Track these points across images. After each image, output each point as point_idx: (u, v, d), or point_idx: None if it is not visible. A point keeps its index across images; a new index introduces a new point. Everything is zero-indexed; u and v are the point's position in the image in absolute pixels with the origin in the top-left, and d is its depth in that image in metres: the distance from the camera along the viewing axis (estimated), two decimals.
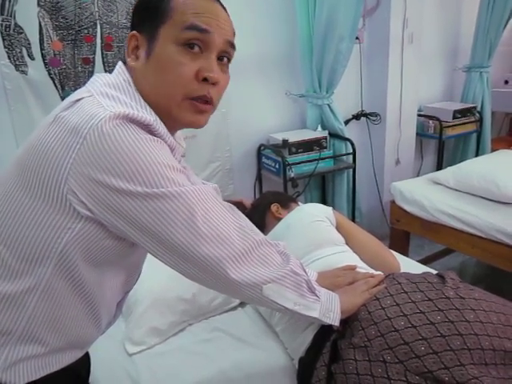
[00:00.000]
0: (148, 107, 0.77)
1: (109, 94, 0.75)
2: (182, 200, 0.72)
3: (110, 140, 0.67)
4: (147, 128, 0.73)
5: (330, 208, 1.48)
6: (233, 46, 0.83)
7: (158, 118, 0.77)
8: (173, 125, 0.81)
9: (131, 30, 0.81)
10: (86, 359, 0.94)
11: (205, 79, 0.78)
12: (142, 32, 0.80)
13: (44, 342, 0.77)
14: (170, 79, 0.77)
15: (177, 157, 0.82)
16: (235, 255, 0.78)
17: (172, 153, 0.78)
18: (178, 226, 0.72)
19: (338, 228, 1.42)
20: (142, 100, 0.78)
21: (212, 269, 0.76)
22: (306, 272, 0.92)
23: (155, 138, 0.73)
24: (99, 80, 0.78)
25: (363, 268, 1.26)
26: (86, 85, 0.79)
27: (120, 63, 0.83)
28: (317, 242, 1.32)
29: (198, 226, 0.73)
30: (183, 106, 0.79)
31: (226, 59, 0.83)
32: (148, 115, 0.74)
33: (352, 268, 1.21)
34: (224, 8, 0.83)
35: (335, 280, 1.12)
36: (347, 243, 1.39)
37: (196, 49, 0.77)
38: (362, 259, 1.32)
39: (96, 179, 0.68)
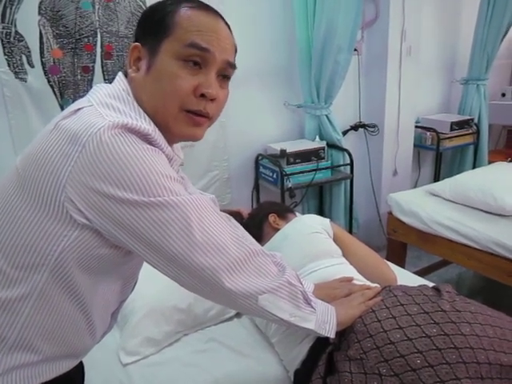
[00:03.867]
0: (147, 117, 0.78)
1: (108, 104, 0.75)
2: (179, 209, 0.72)
3: (108, 149, 0.67)
4: (145, 138, 0.73)
5: (328, 220, 1.48)
6: (232, 65, 0.84)
7: (156, 129, 0.77)
8: (170, 137, 0.81)
9: (134, 42, 0.82)
10: (79, 368, 0.93)
11: (202, 95, 0.79)
12: (144, 44, 0.80)
13: (38, 350, 0.76)
14: (167, 91, 0.77)
15: (174, 167, 0.83)
16: (231, 265, 0.78)
17: (170, 163, 0.79)
18: (174, 235, 0.72)
19: (336, 240, 1.42)
20: (142, 110, 0.78)
21: (207, 278, 0.76)
22: (301, 283, 0.92)
23: (153, 147, 0.73)
24: (100, 90, 0.79)
25: (360, 280, 1.25)
26: (87, 95, 0.79)
27: (120, 74, 0.83)
28: (314, 254, 1.32)
29: (194, 236, 0.73)
30: (179, 118, 0.79)
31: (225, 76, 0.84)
32: (147, 125, 0.74)
33: (348, 280, 1.21)
34: (227, 24, 0.83)
35: (331, 292, 1.11)
36: (344, 255, 1.38)
37: (196, 65, 0.78)
38: (358, 271, 1.32)
39: (93, 187, 0.68)
